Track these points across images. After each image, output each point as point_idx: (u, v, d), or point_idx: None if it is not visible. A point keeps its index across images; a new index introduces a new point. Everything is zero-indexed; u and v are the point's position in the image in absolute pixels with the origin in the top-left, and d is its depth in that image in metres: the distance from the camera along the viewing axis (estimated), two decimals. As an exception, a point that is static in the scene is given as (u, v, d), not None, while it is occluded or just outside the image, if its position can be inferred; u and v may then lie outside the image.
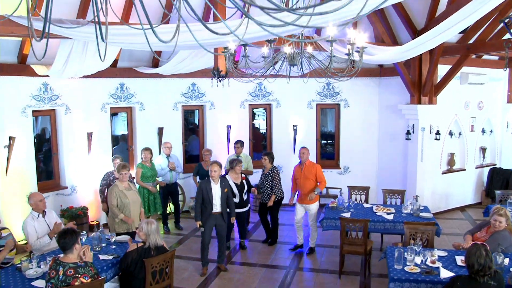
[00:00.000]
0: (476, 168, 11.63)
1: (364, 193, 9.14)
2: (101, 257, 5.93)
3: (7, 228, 6.23)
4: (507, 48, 7.29)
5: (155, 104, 10.55)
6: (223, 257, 7.77)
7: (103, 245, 6.33)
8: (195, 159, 11.38)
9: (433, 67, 9.61)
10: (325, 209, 8.43)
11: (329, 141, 12.25)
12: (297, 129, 11.37)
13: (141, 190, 9.12)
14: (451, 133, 10.94)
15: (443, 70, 10.01)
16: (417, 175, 10.29)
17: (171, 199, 9.94)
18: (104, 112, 9.92)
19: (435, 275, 5.24)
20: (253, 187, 8.72)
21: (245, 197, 8.43)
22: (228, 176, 8.35)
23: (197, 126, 11.70)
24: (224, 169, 9.66)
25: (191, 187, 10.23)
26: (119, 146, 10.83)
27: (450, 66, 9.87)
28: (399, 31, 9.92)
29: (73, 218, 8.81)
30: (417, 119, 10.15)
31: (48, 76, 8.47)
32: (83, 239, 6.32)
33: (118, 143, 11.01)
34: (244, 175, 8.53)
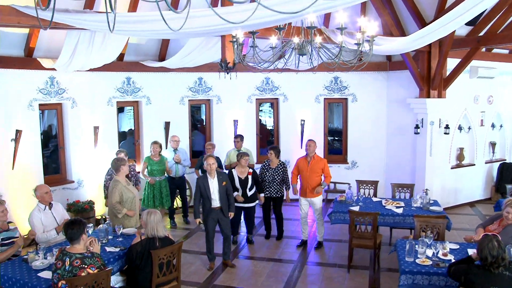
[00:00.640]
0: (486, 163, 11.50)
1: (372, 187, 9.04)
2: (108, 249, 5.88)
3: (13, 222, 6.18)
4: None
5: (161, 98, 10.50)
6: (228, 253, 7.69)
7: (109, 237, 6.28)
8: (199, 154, 11.28)
9: (442, 60, 9.50)
10: (333, 203, 8.35)
11: (336, 136, 12.16)
12: (304, 123, 11.27)
13: (147, 185, 9.08)
14: (460, 128, 10.81)
15: (452, 64, 9.89)
16: (425, 170, 10.17)
17: (178, 193, 9.87)
18: (110, 106, 9.87)
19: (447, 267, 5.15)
20: (262, 193, 8.53)
21: (250, 192, 8.32)
22: (234, 170, 8.27)
23: (203, 121, 11.67)
24: (224, 164, 9.59)
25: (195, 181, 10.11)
26: (126, 141, 10.79)
27: (459, 60, 9.74)
28: (407, 24, 9.81)
29: (80, 212, 8.77)
30: (426, 113, 10.03)
31: (54, 69, 8.42)
32: (89, 231, 6.28)
33: (125, 138, 10.97)
34: (251, 170, 8.44)
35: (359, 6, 9.76)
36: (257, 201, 8.51)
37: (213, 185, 7.27)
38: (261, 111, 12.31)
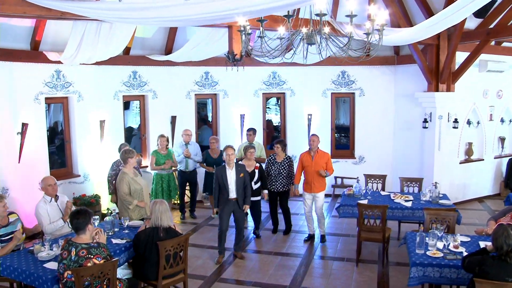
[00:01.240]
0: (495, 158, 11.37)
1: (380, 181, 8.95)
2: (114, 241, 5.82)
3: (15, 213, 6.12)
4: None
5: (168, 93, 10.45)
6: (240, 245, 7.66)
7: (116, 229, 6.24)
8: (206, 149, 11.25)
9: (451, 54, 9.39)
10: (341, 196, 8.27)
11: (343, 132, 12.07)
12: (311, 118, 11.18)
13: (155, 178, 9.03)
14: (469, 122, 10.69)
15: (461, 57, 9.78)
16: (434, 165, 10.06)
17: (189, 187, 9.81)
18: (116, 100, 9.83)
19: (459, 259, 5.05)
20: (264, 192, 8.50)
21: (255, 186, 8.25)
22: (241, 162, 8.20)
23: (209, 117, 11.62)
24: (235, 158, 9.53)
25: (203, 177, 10.04)
26: (132, 135, 10.75)
27: (468, 53, 9.63)
28: (415, 17, 9.69)
29: (86, 206, 8.71)
30: (434, 107, 9.92)
31: (60, 62, 8.37)
32: (95, 224, 6.21)
33: (131, 133, 10.93)
34: (258, 164, 8.37)
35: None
36: (261, 196, 8.45)
37: (231, 176, 7.28)
38: (268, 108, 12.24)
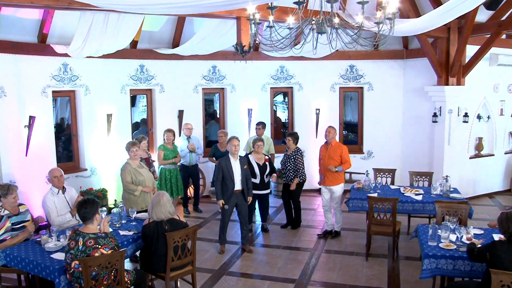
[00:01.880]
0: (505, 153, 11.22)
1: (390, 175, 8.85)
2: (121, 232, 5.78)
3: (24, 204, 6.08)
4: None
5: (175, 87, 10.39)
6: (247, 238, 7.61)
7: (123, 221, 6.19)
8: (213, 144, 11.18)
9: (462, 46, 9.25)
10: (350, 191, 8.18)
11: (350, 127, 11.97)
12: (319, 113, 11.09)
13: (162, 173, 8.97)
14: (479, 117, 10.56)
15: (471, 51, 9.65)
16: (443, 159, 9.95)
17: (191, 181, 9.75)
18: (124, 94, 9.78)
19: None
20: (274, 173, 8.45)
21: (266, 179, 8.20)
22: (251, 156, 8.14)
23: (217, 114, 11.56)
24: (244, 151, 9.50)
25: (211, 170, 9.99)
26: (139, 130, 10.69)
27: (478, 47, 9.50)
28: (425, 10, 9.56)
29: (93, 200, 8.69)
30: (444, 101, 9.80)
31: (67, 55, 8.33)
32: (102, 216, 6.16)
33: (138, 128, 10.88)
34: (268, 157, 8.30)
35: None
36: (270, 189, 8.38)
37: (236, 167, 7.25)
38: (274, 105, 12.15)
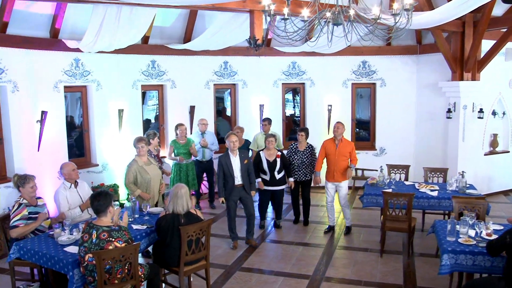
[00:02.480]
0: (521, 150, 11.06)
1: (403, 171, 8.75)
2: (134, 226, 5.73)
3: (42, 198, 6.06)
4: None
5: (186, 82, 10.34)
6: (252, 232, 7.59)
7: (136, 215, 6.15)
8: (223, 140, 11.09)
9: (477, 41, 9.10)
10: (363, 187, 8.09)
11: (361, 124, 11.86)
12: (331, 109, 10.99)
13: (174, 168, 8.92)
14: (494, 113, 10.40)
15: (486, 46, 9.49)
16: (458, 156, 9.80)
17: (206, 177, 9.70)
18: (135, 89, 9.75)
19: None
20: (290, 181, 8.31)
21: (278, 175, 8.10)
22: (262, 152, 8.07)
23: (226, 111, 11.55)
24: (250, 149, 9.44)
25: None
26: (151, 127, 10.66)
27: (494, 42, 9.35)
28: (439, 3, 9.43)
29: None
30: (458, 97, 9.66)
31: (79, 50, 8.32)
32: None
33: (149, 125, 10.85)
34: (280, 153, 8.20)
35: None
36: (285, 185, 8.30)
37: (235, 162, 7.27)
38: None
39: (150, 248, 6.10)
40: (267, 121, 9.43)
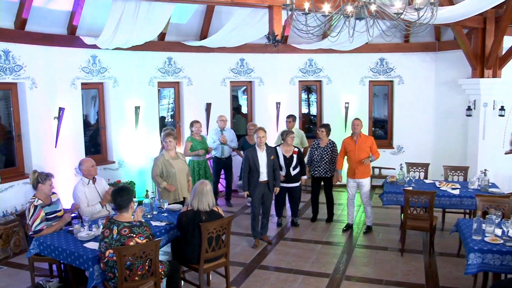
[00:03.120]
0: (543, 149, 10.85)
1: (423, 170, 8.62)
2: (154, 223, 5.68)
3: (56, 193, 6.02)
4: None
5: (203, 79, 10.30)
6: (266, 229, 7.56)
7: (154, 212, 6.11)
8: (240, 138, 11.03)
9: (499, 37, 8.92)
10: (383, 184, 7.97)
11: (377, 123, 11.71)
12: (348, 106, 10.87)
13: (191, 165, 8.88)
14: (515, 111, 10.21)
15: (508, 42, 9.29)
16: (478, 155, 9.62)
17: (224, 174, 9.65)
18: (151, 86, 9.72)
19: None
20: (304, 175, 8.27)
21: (293, 171, 8.00)
22: (279, 148, 7.99)
23: (241, 108, 11.52)
24: (275, 145, 9.36)
25: (239, 164, 9.87)
26: (169, 124, 10.62)
27: (516, 38, 9.19)
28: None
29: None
30: (479, 94, 9.47)
31: (96, 47, 8.32)
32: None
33: (164, 122, 10.82)
34: (296, 149, 8.12)
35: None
36: (300, 182, 8.21)
37: (262, 157, 7.18)
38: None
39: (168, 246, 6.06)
40: (291, 117, 9.31)
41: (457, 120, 10.19)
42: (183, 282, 5.72)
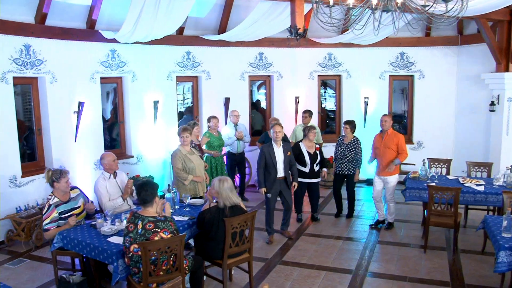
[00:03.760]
0: None
1: (445, 165, 8.48)
2: (176, 218, 5.63)
3: (77, 188, 6.00)
4: None
5: (221, 74, 10.23)
6: (288, 224, 7.50)
7: (176, 207, 6.08)
8: (257, 133, 10.96)
9: (525, 30, 8.75)
10: (405, 180, 7.85)
11: (397, 115, 11.56)
12: (368, 101, 10.74)
13: (207, 161, 8.84)
14: (539, 106, 10.01)
15: (533, 35, 9.13)
16: (501, 151, 9.44)
17: (238, 170, 9.60)
18: (170, 81, 9.68)
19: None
20: (325, 167, 8.22)
21: (316, 168, 7.95)
22: (302, 144, 7.90)
23: (260, 102, 11.46)
24: (291, 141, 9.29)
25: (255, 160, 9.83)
26: (183, 119, 10.59)
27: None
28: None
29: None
30: (503, 89, 9.29)
31: (116, 41, 8.29)
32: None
33: (181, 117, 10.79)
34: (318, 145, 8.05)
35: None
36: (320, 178, 8.13)
37: (279, 153, 7.08)
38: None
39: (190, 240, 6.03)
40: (307, 113, 9.23)
41: (480, 116, 10.02)
42: (205, 277, 5.68)
